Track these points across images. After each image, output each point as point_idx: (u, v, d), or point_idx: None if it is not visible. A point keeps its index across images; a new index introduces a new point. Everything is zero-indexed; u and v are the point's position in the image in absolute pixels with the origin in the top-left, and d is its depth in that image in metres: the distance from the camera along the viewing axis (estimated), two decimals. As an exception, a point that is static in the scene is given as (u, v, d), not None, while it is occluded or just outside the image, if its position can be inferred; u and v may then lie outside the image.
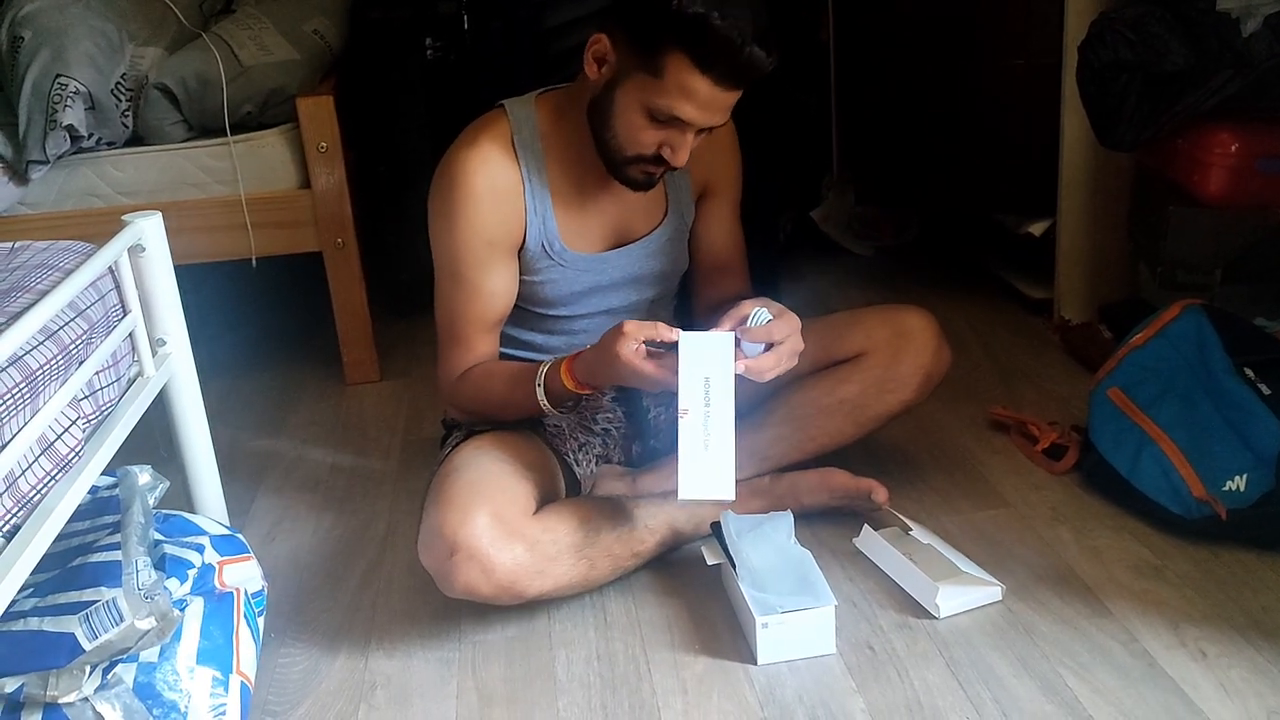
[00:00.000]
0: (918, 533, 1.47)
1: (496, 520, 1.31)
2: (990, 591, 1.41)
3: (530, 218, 1.48)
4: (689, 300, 1.71)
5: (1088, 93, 1.83)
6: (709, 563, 1.44)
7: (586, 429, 1.60)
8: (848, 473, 1.58)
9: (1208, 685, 1.23)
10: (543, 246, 1.49)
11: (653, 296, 1.63)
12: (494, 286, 1.49)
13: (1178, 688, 1.23)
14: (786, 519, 1.46)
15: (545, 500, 1.44)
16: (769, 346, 1.35)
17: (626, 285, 1.59)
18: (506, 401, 1.49)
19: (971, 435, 1.85)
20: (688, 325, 1.48)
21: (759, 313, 1.36)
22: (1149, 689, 1.23)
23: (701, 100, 1.32)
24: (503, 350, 1.61)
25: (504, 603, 1.35)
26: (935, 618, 1.38)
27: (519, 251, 1.50)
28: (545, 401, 1.44)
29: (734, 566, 1.38)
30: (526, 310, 1.57)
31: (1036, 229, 2.28)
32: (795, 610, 1.32)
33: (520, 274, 1.52)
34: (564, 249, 1.50)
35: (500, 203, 1.45)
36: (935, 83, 2.34)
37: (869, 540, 1.51)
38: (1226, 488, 1.47)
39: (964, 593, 1.40)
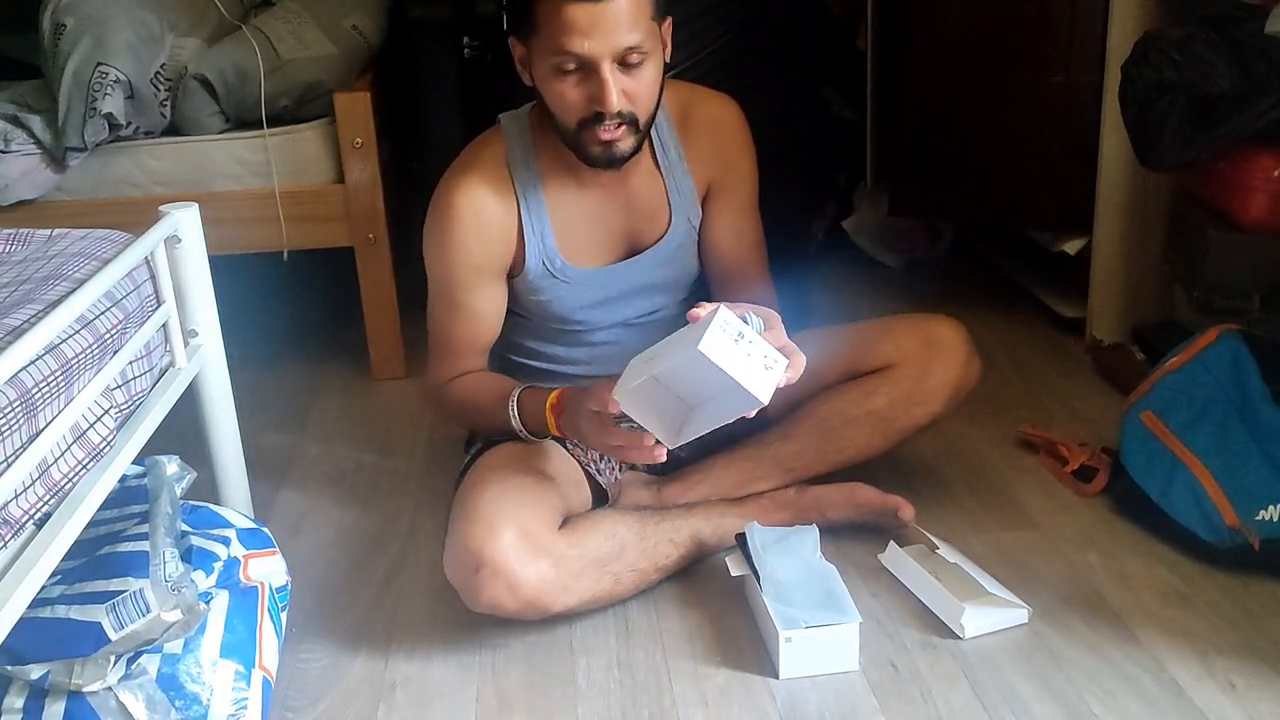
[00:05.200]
0: (944, 551, 1.46)
1: (522, 536, 1.30)
2: (1016, 614, 1.39)
3: (529, 237, 1.47)
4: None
5: (1129, 112, 1.81)
6: (733, 574, 1.43)
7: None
8: (874, 489, 1.57)
9: (1236, 718, 1.22)
10: (543, 265, 1.49)
11: (668, 303, 1.61)
12: (482, 308, 1.50)
13: (1205, 719, 1.21)
14: (812, 533, 1.45)
15: (571, 511, 1.44)
16: None
17: (638, 295, 1.57)
18: (490, 415, 1.48)
19: (1000, 454, 1.83)
20: None
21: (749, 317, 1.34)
22: None
23: (580, 25, 1.29)
24: (526, 362, 1.60)
25: (528, 618, 1.35)
26: (960, 638, 1.37)
27: (521, 273, 1.49)
28: (521, 426, 1.45)
29: (758, 579, 1.37)
30: (544, 325, 1.56)
31: (1071, 247, 2.26)
32: (819, 625, 1.31)
33: (528, 293, 1.52)
34: (565, 265, 1.50)
35: (487, 228, 1.45)
36: (973, 95, 2.32)
37: (895, 557, 1.50)
38: (1260, 517, 1.45)
39: (990, 614, 1.38)
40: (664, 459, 1.27)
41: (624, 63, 1.33)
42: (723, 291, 1.62)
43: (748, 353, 1.17)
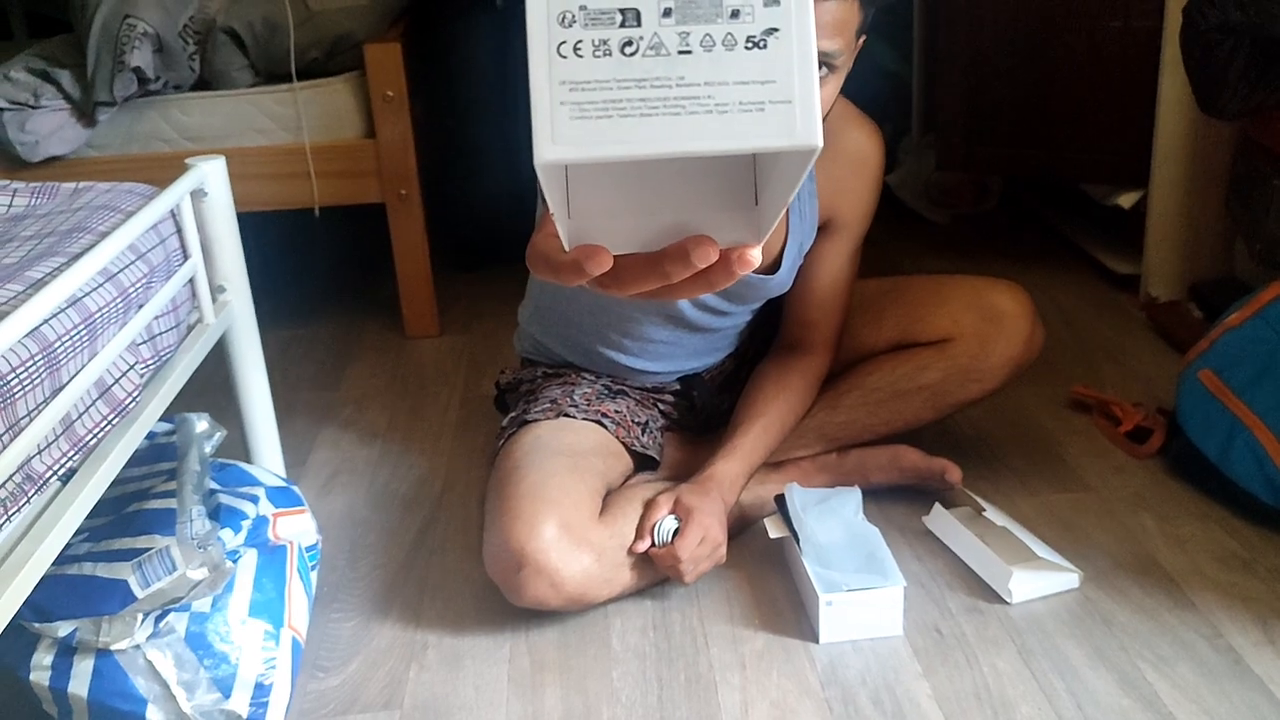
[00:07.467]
0: (991, 514, 1.41)
1: (564, 530, 1.25)
2: (1067, 578, 1.35)
3: None
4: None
5: (1191, 57, 1.72)
6: (772, 536, 1.39)
7: (647, 408, 1.54)
8: (920, 451, 1.52)
9: (1298, 688, 1.17)
10: None
11: (742, 311, 1.48)
12: None
13: (1265, 687, 1.17)
14: (854, 494, 1.40)
15: (613, 484, 1.39)
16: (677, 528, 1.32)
17: (721, 298, 1.45)
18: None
19: (1051, 415, 1.77)
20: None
21: (665, 522, 1.31)
22: (1234, 687, 1.17)
23: None
24: (583, 339, 1.50)
25: (571, 611, 1.31)
26: (1007, 603, 1.32)
27: None
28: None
29: (797, 541, 1.34)
30: (610, 305, 1.44)
31: (1125, 201, 2.18)
32: (861, 589, 1.27)
33: None
34: None
35: None
36: (1025, 43, 2.24)
37: (940, 520, 1.46)
38: (1326, 480, 1.39)
39: (1039, 578, 1.33)
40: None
41: None
42: (786, 323, 1.51)
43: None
